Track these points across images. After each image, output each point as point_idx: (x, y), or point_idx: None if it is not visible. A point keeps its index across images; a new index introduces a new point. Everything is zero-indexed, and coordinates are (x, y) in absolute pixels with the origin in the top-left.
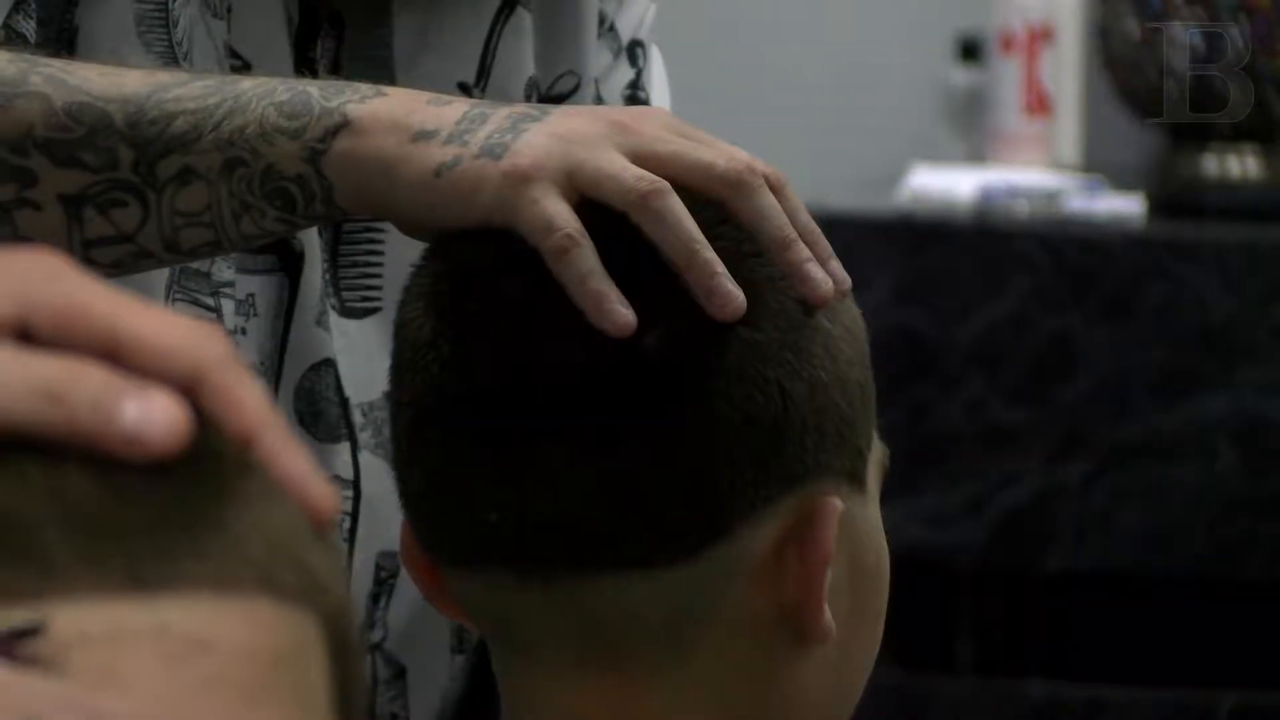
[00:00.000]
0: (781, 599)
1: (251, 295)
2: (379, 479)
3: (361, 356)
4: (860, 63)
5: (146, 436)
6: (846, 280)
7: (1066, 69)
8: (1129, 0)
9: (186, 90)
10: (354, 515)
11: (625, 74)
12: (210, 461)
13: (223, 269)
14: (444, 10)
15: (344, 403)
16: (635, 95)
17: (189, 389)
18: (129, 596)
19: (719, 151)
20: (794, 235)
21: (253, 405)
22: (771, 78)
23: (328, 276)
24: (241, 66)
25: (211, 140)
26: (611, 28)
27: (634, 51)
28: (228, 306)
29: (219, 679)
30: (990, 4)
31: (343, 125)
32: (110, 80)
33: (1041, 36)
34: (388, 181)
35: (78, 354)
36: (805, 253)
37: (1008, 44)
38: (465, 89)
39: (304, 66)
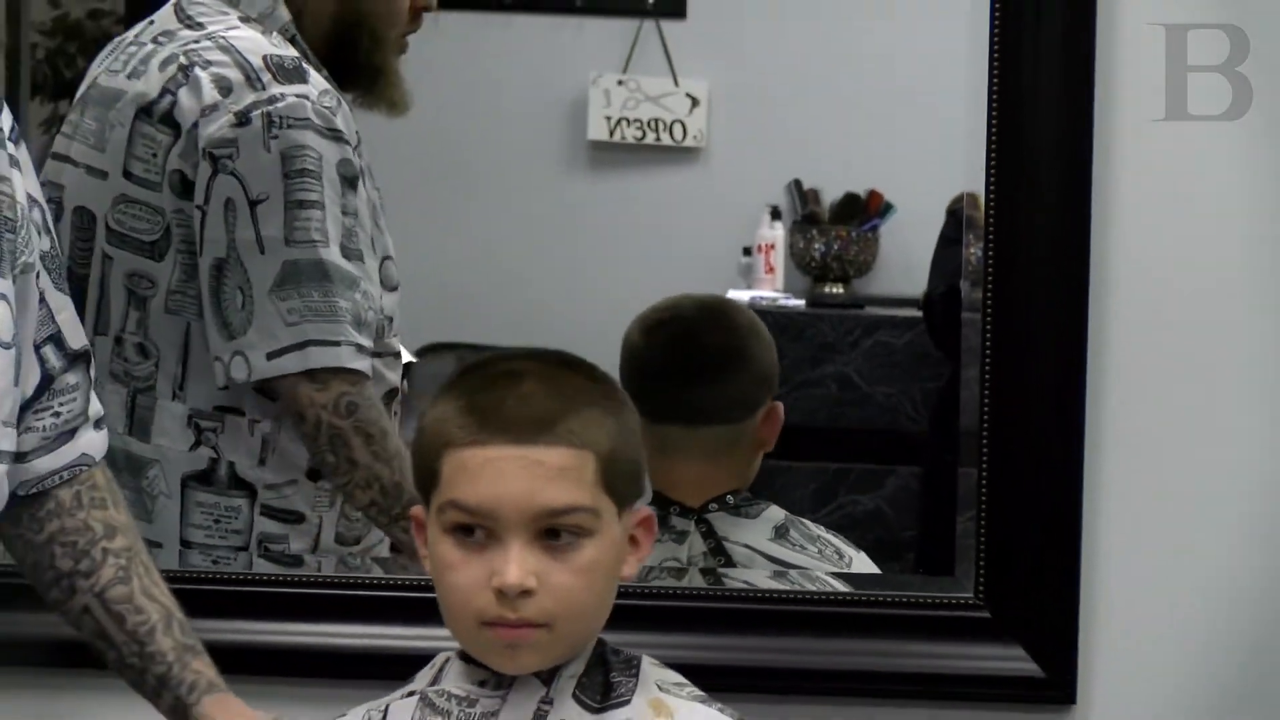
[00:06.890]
0: (761, 436)
1: None
2: None
3: None
4: (707, 253)
5: None
6: None
7: (780, 257)
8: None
9: None
10: None
11: None
12: None
13: None
14: None
15: None
16: None
17: None
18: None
19: None
20: None
21: None
22: (674, 270)
23: None
24: None
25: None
26: None
27: None
28: None
29: (551, 475)
30: (754, 235)
31: None
32: (400, 463)
33: (770, 247)
34: None
35: None
36: None
37: (759, 249)
38: None
39: None
